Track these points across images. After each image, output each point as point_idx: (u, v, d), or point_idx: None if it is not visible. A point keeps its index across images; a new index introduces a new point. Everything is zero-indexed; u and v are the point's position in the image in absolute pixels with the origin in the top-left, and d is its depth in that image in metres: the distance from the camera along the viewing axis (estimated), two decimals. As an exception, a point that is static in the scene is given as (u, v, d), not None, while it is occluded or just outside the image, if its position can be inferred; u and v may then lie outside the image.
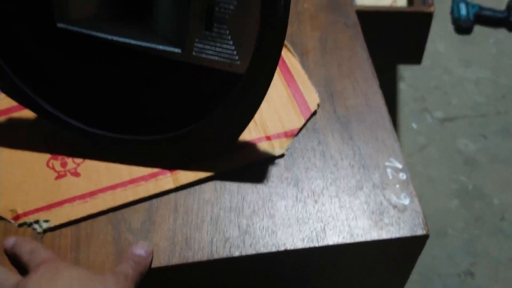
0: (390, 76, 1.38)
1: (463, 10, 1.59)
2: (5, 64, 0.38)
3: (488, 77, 1.45)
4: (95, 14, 0.36)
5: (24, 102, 0.40)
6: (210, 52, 0.35)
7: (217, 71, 0.35)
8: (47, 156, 0.41)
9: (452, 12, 1.51)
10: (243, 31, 0.33)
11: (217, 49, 0.35)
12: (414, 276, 1.08)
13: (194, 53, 0.35)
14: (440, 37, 1.52)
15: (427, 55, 1.46)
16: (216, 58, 0.35)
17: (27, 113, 0.43)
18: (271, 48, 0.34)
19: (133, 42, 0.36)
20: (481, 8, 1.55)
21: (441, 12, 1.54)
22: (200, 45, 0.35)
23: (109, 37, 0.36)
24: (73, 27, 0.36)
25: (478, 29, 1.54)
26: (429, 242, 0.37)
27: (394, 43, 1.04)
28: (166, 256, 0.36)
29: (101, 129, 0.40)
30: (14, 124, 0.44)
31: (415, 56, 1.13)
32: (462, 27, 1.57)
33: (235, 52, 0.34)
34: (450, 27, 1.54)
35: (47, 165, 0.41)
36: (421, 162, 1.27)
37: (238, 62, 0.34)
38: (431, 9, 1.21)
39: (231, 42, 0.34)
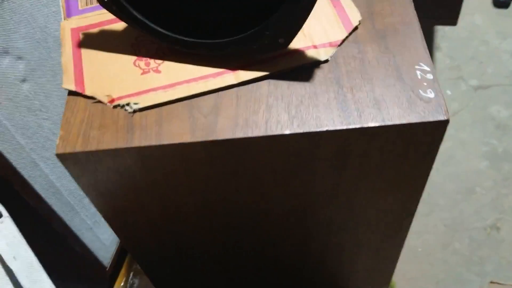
0: (427, 45, 1.42)
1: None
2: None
3: (524, 49, 1.47)
4: None
5: (119, 12, 0.49)
6: (272, -37, 0.43)
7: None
8: (133, 57, 0.51)
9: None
10: None
11: (279, -40, 0.42)
12: (441, 228, 1.14)
13: (259, -35, 0.43)
14: (478, 10, 1.55)
15: (465, 27, 1.50)
16: (277, -32, 0.43)
17: (114, 27, 0.53)
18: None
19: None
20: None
21: (480, -14, 1.57)
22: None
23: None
24: None
25: (516, 3, 1.56)
26: (457, 198, 0.44)
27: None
28: (230, 132, 0.45)
29: (178, 34, 0.49)
30: (105, 33, 0.53)
31: (451, 15, 1.18)
32: (500, 1, 1.59)
33: (293, -38, 0.42)
34: (488, 1, 1.56)
35: (134, 64, 0.50)
36: (454, 126, 1.32)
37: (295, -29, 0.42)
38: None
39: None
